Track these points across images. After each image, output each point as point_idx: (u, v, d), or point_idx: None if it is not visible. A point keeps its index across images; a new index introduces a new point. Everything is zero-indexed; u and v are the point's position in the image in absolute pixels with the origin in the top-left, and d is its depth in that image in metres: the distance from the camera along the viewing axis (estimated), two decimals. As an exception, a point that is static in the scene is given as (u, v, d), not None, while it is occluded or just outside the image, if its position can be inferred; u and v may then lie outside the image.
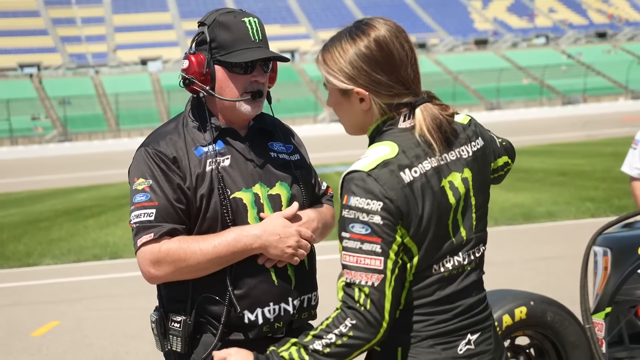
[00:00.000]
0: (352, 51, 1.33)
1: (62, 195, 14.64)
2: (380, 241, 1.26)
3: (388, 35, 1.33)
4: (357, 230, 1.27)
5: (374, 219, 1.27)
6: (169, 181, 1.57)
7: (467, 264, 1.37)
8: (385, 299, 1.26)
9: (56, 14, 55.86)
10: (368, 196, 1.27)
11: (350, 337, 1.26)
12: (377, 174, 1.28)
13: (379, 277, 1.26)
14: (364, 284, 1.26)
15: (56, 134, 40.22)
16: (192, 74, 1.60)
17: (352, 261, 1.27)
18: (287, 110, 38.59)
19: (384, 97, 1.33)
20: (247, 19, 1.58)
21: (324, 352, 1.26)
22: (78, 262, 7.29)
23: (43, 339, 4.63)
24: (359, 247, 1.27)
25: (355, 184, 1.28)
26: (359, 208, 1.27)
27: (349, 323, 1.26)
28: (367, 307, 1.26)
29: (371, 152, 1.32)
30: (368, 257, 1.26)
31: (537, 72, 45.62)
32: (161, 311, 1.61)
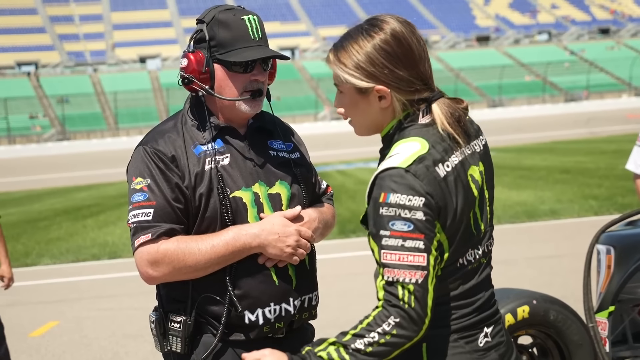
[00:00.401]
0: (371, 47, 1.31)
1: (60, 194, 14.62)
2: (423, 237, 1.26)
3: (404, 30, 1.32)
4: (398, 228, 1.26)
5: (416, 215, 1.26)
6: (167, 180, 1.55)
7: (483, 257, 1.39)
8: (428, 295, 1.26)
9: (54, 12, 55.77)
10: (409, 192, 1.26)
11: (394, 335, 1.24)
12: (415, 170, 1.28)
13: (422, 273, 1.26)
14: (408, 282, 1.25)
15: (54, 133, 40.20)
16: (191, 73, 1.58)
17: (394, 259, 1.26)
18: (287, 108, 38.60)
19: (406, 93, 1.33)
20: (247, 16, 1.57)
21: (366, 351, 1.24)
22: (77, 261, 7.27)
23: (42, 340, 4.62)
24: (401, 245, 1.26)
25: (394, 181, 1.27)
26: (400, 205, 1.26)
27: (393, 321, 1.25)
28: (412, 304, 1.25)
29: (402, 149, 1.30)
30: (411, 254, 1.25)
31: (540, 68, 45.63)
32: (160, 311, 1.60)
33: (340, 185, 11.77)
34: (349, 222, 7.98)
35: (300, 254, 1.56)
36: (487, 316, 1.38)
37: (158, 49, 52.24)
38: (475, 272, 1.37)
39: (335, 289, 5.01)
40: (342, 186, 11.66)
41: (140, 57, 51.72)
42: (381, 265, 1.28)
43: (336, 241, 7.01)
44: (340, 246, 6.85)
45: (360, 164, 16.45)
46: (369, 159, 17.06)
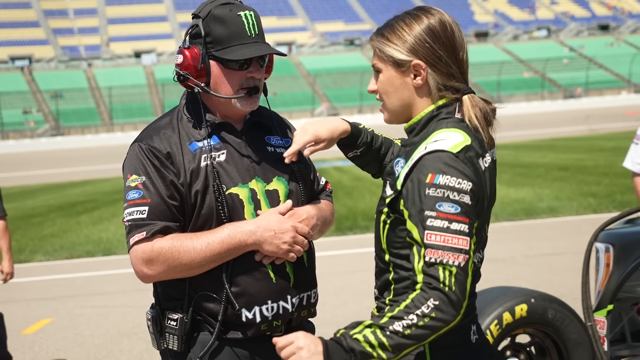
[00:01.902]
0: (417, 26, 1.36)
1: (54, 190, 14.56)
2: (468, 221, 1.27)
3: (451, 19, 1.38)
4: (445, 209, 1.26)
5: (464, 198, 1.27)
6: (162, 178, 1.54)
7: (481, 261, 1.42)
8: (467, 280, 1.27)
9: (48, 6, 55.46)
10: (460, 175, 1.27)
11: (433, 318, 1.24)
12: (464, 157, 1.30)
13: (465, 257, 1.26)
14: (451, 264, 1.25)
15: (48, 128, 40.03)
16: (186, 69, 1.56)
17: (439, 240, 1.26)
18: (284, 104, 38.55)
19: (441, 75, 1.35)
20: (243, 12, 1.54)
21: (405, 333, 1.23)
22: (71, 258, 7.24)
23: (35, 337, 4.58)
24: (447, 227, 1.26)
25: (445, 163, 1.28)
26: (449, 187, 1.27)
27: (432, 304, 1.24)
28: (453, 287, 1.25)
29: (447, 136, 1.32)
30: (456, 236, 1.26)
31: (539, 65, 45.71)
32: (157, 309, 1.59)
33: (337, 182, 11.75)
34: (345, 219, 7.96)
35: (297, 251, 1.54)
36: (474, 315, 1.41)
37: (153, 43, 52.04)
38: (477, 272, 1.40)
39: (331, 286, 4.99)
40: (339, 183, 11.64)
41: (135, 52, 51.52)
42: (423, 246, 1.27)
43: (333, 238, 6.99)
44: (337, 243, 6.82)
45: (356, 160, 16.40)
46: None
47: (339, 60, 48.14)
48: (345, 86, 44.13)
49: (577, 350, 2.75)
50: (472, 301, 1.39)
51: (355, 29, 54.74)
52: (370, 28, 54.72)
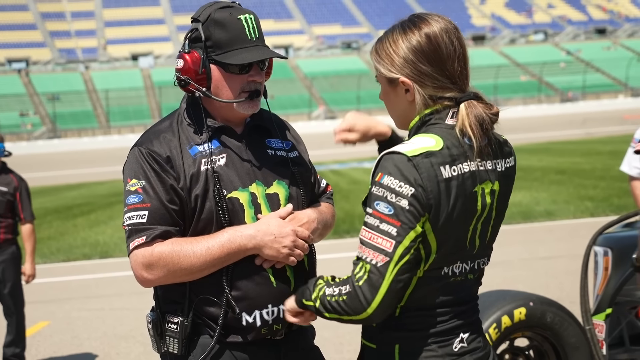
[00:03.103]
0: (402, 42, 1.37)
1: (51, 193, 14.52)
2: (399, 225, 1.28)
3: (438, 29, 1.36)
4: (380, 209, 1.29)
5: (401, 202, 1.28)
6: (162, 182, 1.53)
7: (470, 273, 1.40)
8: (383, 282, 1.28)
9: (45, 8, 55.40)
10: (402, 179, 1.29)
11: (342, 301, 1.32)
12: (418, 162, 1.30)
13: (384, 259, 1.28)
14: (368, 261, 1.30)
15: (45, 131, 39.94)
16: (187, 74, 1.56)
17: (366, 237, 1.31)
18: (281, 107, 38.53)
19: (428, 89, 1.36)
20: (243, 16, 1.54)
21: (327, 298, 1.35)
22: (67, 261, 7.22)
23: (32, 340, 4.57)
24: (377, 225, 1.29)
25: (394, 165, 1.30)
26: (389, 188, 1.29)
27: (346, 289, 1.33)
28: (360, 283, 1.30)
29: (416, 140, 1.34)
30: (382, 236, 1.29)
31: (536, 68, 45.80)
32: (157, 312, 1.58)
33: (334, 185, 11.74)
34: (342, 222, 7.96)
35: (298, 255, 1.54)
36: (464, 323, 1.38)
37: (150, 46, 52.01)
38: (459, 285, 1.37)
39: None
40: (336, 186, 11.63)
41: (132, 55, 51.48)
42: (359, 240, 1.33)
43: (330, 242, 6.99)
44: (334, 247, 6.83)
45: (354, 163, 16.45)
46: (363, 158, 17.05)
47: (336, 64, 48.19)
48: (343, 89, 44.17)
49: (576, 354, 2.75)
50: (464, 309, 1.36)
51: (352, 32, 54.83)
52: (367, 31, 54.83)
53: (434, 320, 1.33)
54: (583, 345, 2.71)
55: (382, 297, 1.27)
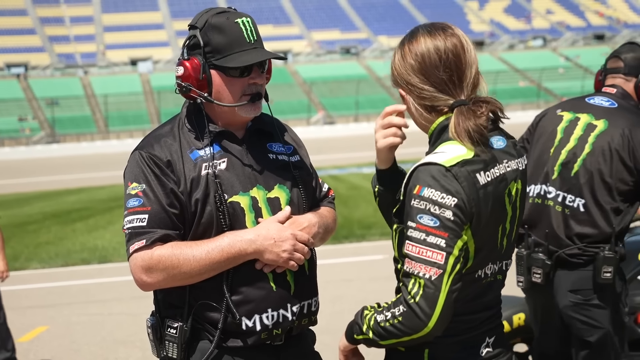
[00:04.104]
0: (395, 56, 1.43)
1: (50, 197, 14.50)
2: (447, 236, 1.27)
3: (428, 41, 1.37)
4: (424, 222, 1.28)
5: (445, 213, 1.28)
6: (162, 186, 1.53)
7: (498, 274, 1.41)
8: (440, 294, 1.27)
9: (44, 13, 55.47)
10: (443, 190, 1.28)
11: (399, 322, 1.30)
12: (457, 172, 1.30)
13: (437, 271, 1.27)
14: (421, 276, 1.28)
15: (44, 135, 39.90)
16: (187, 81, 1.56)
17: (414, 251, 1.29)
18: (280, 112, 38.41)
19: (417, 98, 1.39)
20: (240, 19, 1.55)
21: (381, 325, 1.33)
22: (66, 266, 7.20)
23: (31, 345, 4.56)
24: (423, 239, 1.28)
25: (433, 177, 1.29)
26: (432, 200, 1.28)
27: (401, 309, 1.31)
28: (417, 299, 1.28)
29: (448, 149, 1.33)
30: (431, 249, 1.27)
31: (534, 74, 45.86)
32: (157, 316, 1.59)
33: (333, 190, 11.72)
34: (341, 227, 7.96)
35: (298, 259, 1.54)
36: (491, 328, 1.40)
37: (149, 51, 52.06)
38: (489, 287, 1.39)
39: (327, 295, 4.99)
40: (335, 191, 11.57)
41: (131, 60, 51.51)
42: (404, 256, 1.31)
43: (329, 247, 6.98)
44: (333, 252, 6.82)
45: (353, 169, 16.45)
46: (362, 164, 17.06)
47: (335, 69, 48.26)
48: (342, 94, 44.21)
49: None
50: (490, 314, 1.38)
51: (351, 37, 54.92)
52: (366, 37, 54.94)
53: (464, 325, 1.34)
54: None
55: (441, 309, 1.26)
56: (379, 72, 46.80)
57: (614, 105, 2.33)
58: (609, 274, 2.25)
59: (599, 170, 2.27)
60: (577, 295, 2.33)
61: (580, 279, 2.31)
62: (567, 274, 2.33)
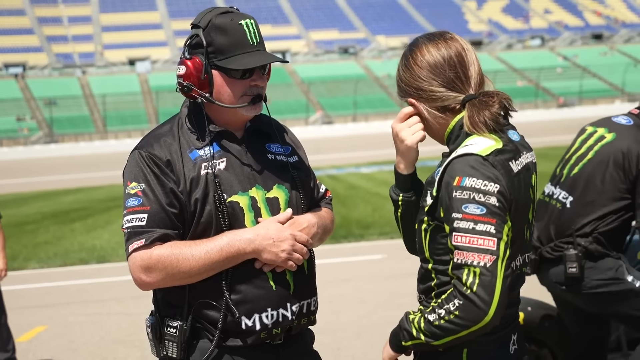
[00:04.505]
0: (399, 67, 1.45)
1: (48, 197, 14.48)
2: (495, 222, 1.27)
3: (428, 45, 1.41)
4: (471, 211, 1.27)
5: (490, 199, 1.28)
6: (162, 185, 1.54)
7: (524, 266, 1.42)
8: (496, 280, 1.26)
9: (42, 13, 55.38)
10: (486, 178, 1.29)
11: (456, 316, 1.28)
12: (493, 160, 1.31)
13: (491, 257, 1.26)
14: (476, 264, 1.26)
15: (42, 135, 39.84)
16: (189, 80, 1.56)
17: (464, 241, 1.28)
18: (278, 112, 38.50)
19: (429, 101, 1.40)
20: (244, 21, 1.55)
21: (434, 324, 1.31)
22: (64, 266, 7.19)
23: (29, 345, 4.55)
24: (472, 228, 1.27)
25: (472, 166, 1.30)
26: (475, 188, 1.28)
27: (457, 303, 1.28)
28: (474, 289, 1.26)
29: (478, 141, 1.33)
30: (481, 237, 1.26)
31: (532, 74, 45.89)
32: (157, 316, 1.59)
33: (331, 190, 11.67)
34: (340, 227, 7.96)
35: (297, 259, 1.54)
36: (516, 324, 1.42)
37: (147, 51, 52.00)
38: (517, 279, 1.40)
39: (326, 294, 4.99)
40: (333, 191, 11.63)
41: (129, 60, 51.44)
42: (453, 248, 1.29)
43: (327, 247, 6.98)
44: (332, 252, 6.82)
45: (351, 168, 16.45)
46: (360, 163, 17.06)
47: (333, 69, 48.25)
48: (340, 94, 44.21)
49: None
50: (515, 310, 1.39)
51: (349, 37, 54.92)
52: (364, 37, 54.94)
53: (500, 322, 1.33)
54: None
55: (499, 296, 1.25)
56: (377, 72, 46.80)
57: (630, 122, 2.47)
58: (574, 269, 2.37)
59: (593, 174, 2.41)
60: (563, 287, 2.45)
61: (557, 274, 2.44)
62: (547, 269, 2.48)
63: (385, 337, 1.48)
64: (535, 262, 2.48)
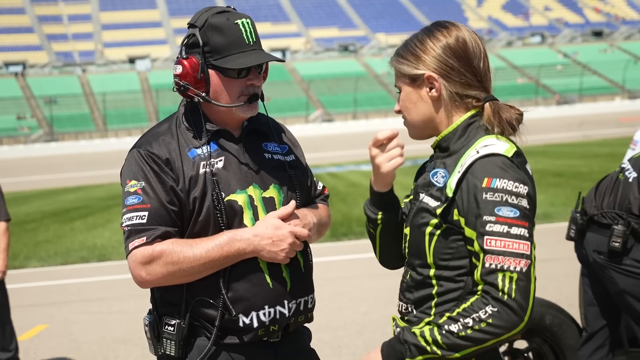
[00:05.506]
0: (429, 41, 1.36)
1: (48, 196, 14.49)
2: (527, 225, 1.24)
3: (464, 30, 1.38)
4: (504, 214, 1.23)
5: (522, 202, 1.24)
6: (162, 183, 1.54)
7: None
8: (530, 286, 1.23)
9: (42, 11, 55.34)
10: (514, 179, 1.25)
11: (490, 324, 1.22)
12: (517, 162, 1.29)
13: (527, 262, 1.23)
14: (512, 270, 1.22)
15: (42, 134, 39.84)
16: (186, 80, 1.56)
17: (499, 246, 1.23)
18: (278, 110, 38.51)
19: (455, 84, 1.34)
20: (240, 20, 1.55)
21: (459, 334, 1.23)
22: (65, 264, 7.20)
23: (30, 343, 4.55)
24: (507, 231, 1.23)
25: (500, 167, 1.26)
26: (507, 190, 1.24)
27: (490, 310, 1.22)
28: (513, 295, 1.21)
29: (494, 142, 1.31)
30: (517, 241, 1.23)
31: (533, 71, 45.86)
32: (155, 314, 1.59)
33: (332, 188, 11.75)
34: (340, 225, 7.96)
35: (292, 254, 1.55)
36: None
37: (147, 49, 51.97)
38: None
39: (326, 292, 4.98)
40: (333, 189, 11.64)
41: (129, 58, 51.42)
42: (482, 252, 1.24)
43: (327, 244, 6.99)
44: (332, 249, 6.82)
45: (351, 166, 16.45)
46: (360, 161, 17.05)
47: (333, 66, 48.22)
48: (340, 92, 44.19)
49: (575, 356, 2.75)
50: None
51: (349, 35, 54.88)
52: (364, 34, 54.89)
53: None
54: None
55: (532, 301, 1.22)
56: (377, 70, 46.75)
57: None
58: (617, 244, 2.43)
59: None
60: (600, 256, 2.51)
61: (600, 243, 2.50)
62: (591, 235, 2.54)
63: (387, 335, 1.46)
64: (582, 227, 2.54)
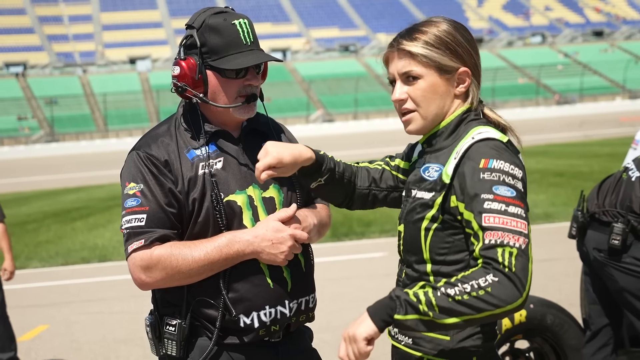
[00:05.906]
0: (457, 34, 1.33)
1: (49, 196, 14.50)
2: (523, 206, 1.25)
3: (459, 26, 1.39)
4: (502, 192, 1.24)
5: (517, 184, 1.26)
6: (161, 185, 1.54)
7: None
8: (529, 264, 1.21)
9: (43, 12, 55.38)
10: (511, 162, 1.27)
11: (488, 293, 1.18)
12: (511, 148, 1.32)
13: (525, 240, 1.23)
14: (512, 245, 1.21)
15: (43, 135, 39.86)
16: (183, 80, 1.56)
17: (498, 222, 1.23)
18: (278, 110, 38.53)
19: (475, 82, 1.37)
20: (237, 21, 1.55)
21: (455, 298, 1.19)
22: (66, 265, 7.20)
23: (31, 344, 4.56)
24: (504, 210, 1.23)
25: (496, 150, 1.28)
26: (503, 171, 1.26)
27: (491, 279, 1.19)
28: (513, 268, 1.19)
29: (487, 130, 1.32)
30: (514, 219, 1.23)
31: (533, 71, 45.85)
32: (156, 314, 1.59)
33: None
34: (341, 225, 7.96)
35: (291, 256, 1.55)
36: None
37: (148, 50, 52.00)
38: None
39: (327, 292, 4.99)
40: (334, 188, 11.62)
41: (130, 58, 51.44)
42: (481, 230, 1.23)
43: (328, 244, 6.99)
44: (333, 249, 6.82)
45: (351, 166, 16.42)
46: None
47: (334, 67, 48.23)
48: (340, 92, 44.19)
49: (576, 356, 2.75)
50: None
51: (350, 35, 54.87)
52: (365, 34, 54.89)
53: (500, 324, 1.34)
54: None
55: (530, 281, 1.20)
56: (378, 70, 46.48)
57: None
58: (617, 242, 2.43)
59: None
60: (600, 254, 2.51)
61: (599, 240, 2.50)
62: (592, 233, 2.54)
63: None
64: (583, 225, 2.54)
